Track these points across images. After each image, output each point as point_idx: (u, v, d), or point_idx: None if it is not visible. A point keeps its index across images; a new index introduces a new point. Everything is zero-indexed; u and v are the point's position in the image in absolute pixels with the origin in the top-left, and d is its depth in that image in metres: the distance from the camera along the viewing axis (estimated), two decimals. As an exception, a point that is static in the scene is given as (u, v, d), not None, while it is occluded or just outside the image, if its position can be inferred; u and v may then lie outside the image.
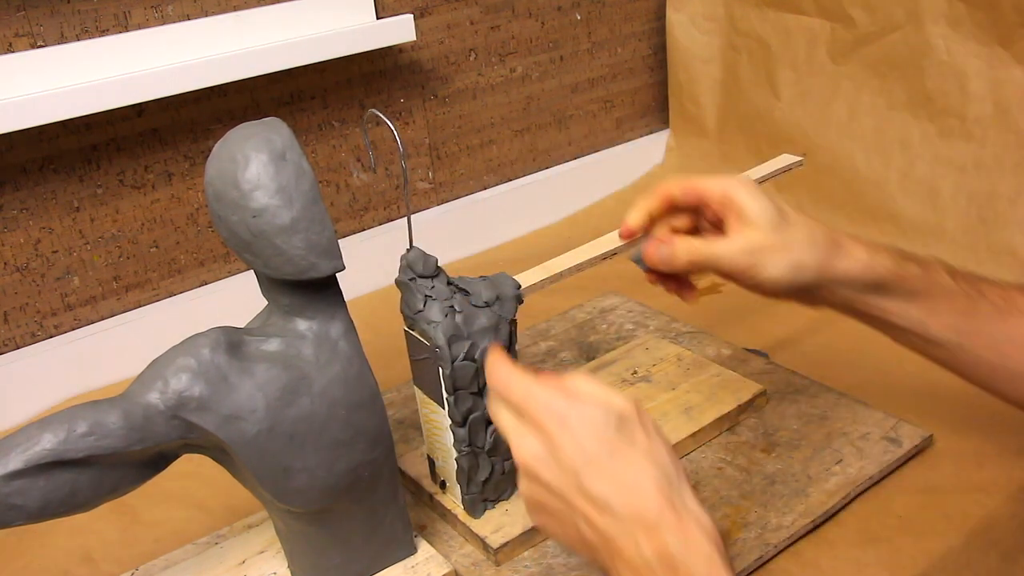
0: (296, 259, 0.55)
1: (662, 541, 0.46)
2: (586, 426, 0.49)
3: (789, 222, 0.62)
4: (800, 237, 0.62)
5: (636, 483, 0.48)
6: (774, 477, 0.76)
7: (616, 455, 0.48)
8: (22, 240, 0.98)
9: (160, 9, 0.99)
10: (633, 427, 0.49)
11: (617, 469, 0.48)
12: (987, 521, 0.71)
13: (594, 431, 0.49)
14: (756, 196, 0.62)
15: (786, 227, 0.62)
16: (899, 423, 0.81)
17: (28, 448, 0.51)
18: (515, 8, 1.29)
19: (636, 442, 0.49)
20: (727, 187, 0.63)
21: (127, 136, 1.01)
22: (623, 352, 0.93)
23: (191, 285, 1.11)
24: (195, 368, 0.54)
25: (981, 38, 1.11)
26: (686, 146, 1.52)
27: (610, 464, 0.48)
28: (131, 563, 0.74)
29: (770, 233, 0.62)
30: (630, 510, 0.47)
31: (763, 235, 0.62)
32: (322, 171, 1.17)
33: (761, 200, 0.62)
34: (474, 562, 0.71)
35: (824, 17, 1.28)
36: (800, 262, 0.62)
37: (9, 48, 0.91)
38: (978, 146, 1.14)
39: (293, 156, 0.55)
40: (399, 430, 0.87)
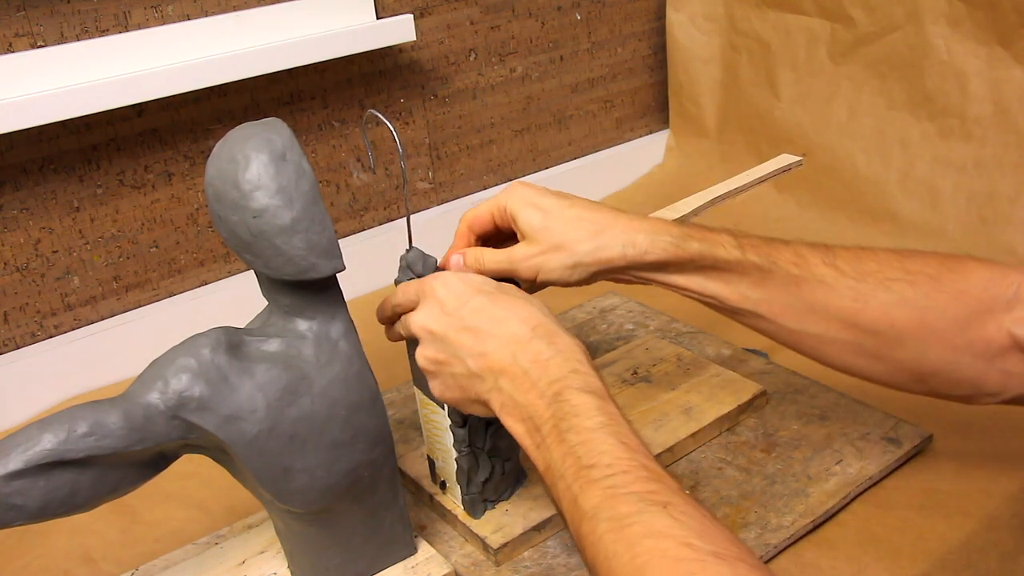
0: (296, 259, 0.55)
1: (536, 349, 0.54)
2: (467, 283, 0.59)
3: (558, 223, 0.64)
4: (570, 236, 0.64)
5: (513, 314, 0.56)
6: (774, 477, 0.76)
7: (494, 298, 0.58)
8: (22, 240, 0.98)
9: (160, 9, 0.99)
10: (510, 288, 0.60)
11: (495, 307, 0.57)
12: (987, 521, 0.71)
13: (474, 285, 0.59)
14: (523, 205, 0.65)
15: (554, 229, 0.64)
16: (899, 423, 0.81)
17: (28, 448, 0.51)
18: (515, 8, 1.29)
19: (512, 292, 0.59)
20: (502, 202, 0.67)
21: (127, 136, 1.01)
22: (623, 352, 0.93)
23: (191, 285, 1.11)
24: (195, 368, 0.54)
25: (981, 38, 1.11)
26: (686, 146, 1.52)
27: (489, 305, 0.57)
28: (131, 563, 0.74)
29: (540, 238, 0.64)
30: (507, 332, 0.55)
31: (534, 242, 0.64)
32: (322, 171, 1.17)
33: (527, 209, 0.65)
34: (474, 562, 0.71)
35: (824, 17, 1.28)
36: (573, 261, 0.64)
37: (9, 48, 0.91)
38: (978, 146, 1.14)
39: (293, 156, 0.55)
40: (399, 430, 0.87)
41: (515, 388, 0.54)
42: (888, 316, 0.62)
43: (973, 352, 0.61)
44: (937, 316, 0.61)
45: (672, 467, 0.79)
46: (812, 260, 0.64)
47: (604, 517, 0.45)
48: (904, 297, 0.61)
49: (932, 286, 0.61)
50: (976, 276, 0.61)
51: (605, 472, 0.47)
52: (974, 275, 0.61)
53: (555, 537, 0.72)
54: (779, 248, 0.65)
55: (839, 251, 0.64)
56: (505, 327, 0.56)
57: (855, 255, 0.64)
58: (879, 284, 0.62)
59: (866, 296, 0.62)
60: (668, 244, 0.64)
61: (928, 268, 0.62)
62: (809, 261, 0.64)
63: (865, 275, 0.63)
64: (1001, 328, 0.60)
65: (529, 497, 0.74)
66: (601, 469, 0.47)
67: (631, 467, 0.47)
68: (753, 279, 0.64)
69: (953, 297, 0.61)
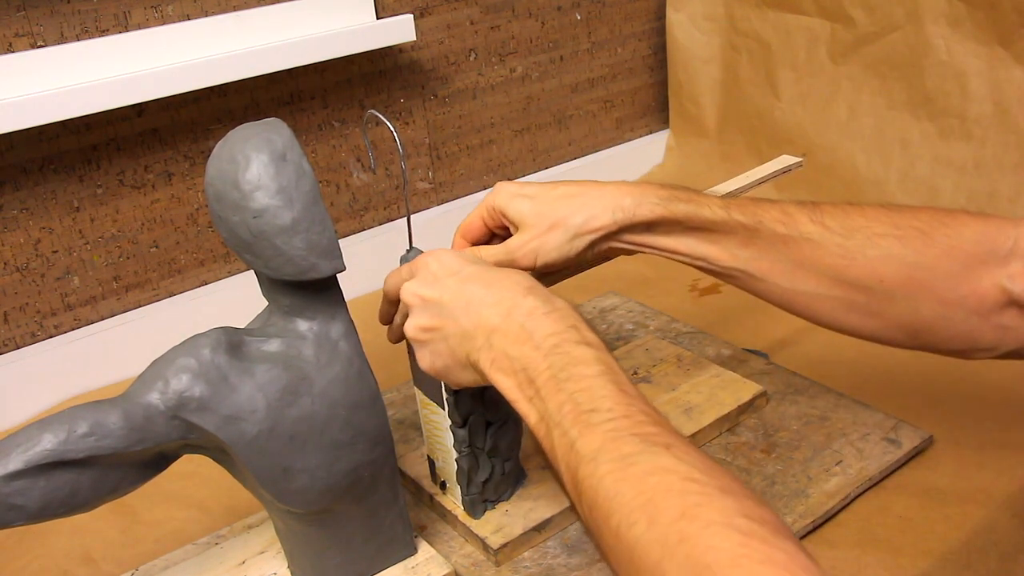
0: (297, 259, 0.55)
1: (531, 305, 0.54)
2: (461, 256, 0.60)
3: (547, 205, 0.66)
4: (560, 214, 0.65)
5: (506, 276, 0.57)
6: (774, 477, 0.76)
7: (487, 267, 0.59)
8: (22, 240, 0.98)
9: (160, 9, 0.99)
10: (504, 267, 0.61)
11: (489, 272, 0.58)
12: (987, 521, 0.71)
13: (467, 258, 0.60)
14: (510, 199, 0.67)
15: (545, 212, 0.65)
16: (899, 423, 0.81)
17: (28, 448, 0.51)
18: (515, 8, 1.29)
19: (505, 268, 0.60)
20: (490, 202, 0.68)
21: (127, 136, 1.01)
22: (623, 352, 0.93)
23: (191, 285, 1.11)
24: (195, 368, 0.54)
25: (981, 38, 1.11)
26: (686, 146, 1.52)
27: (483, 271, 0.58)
28: (131, 563, 0.74)
29: (533, 223, 0.66)
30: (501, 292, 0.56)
31: (528, 230, 0.66)
32: (322, 171, 1.17)
33: (515, 200, 0.66)
34: (474, 562, 0.71)
35: (824, 17, 1.28)
36: (569, 235, 0.65)
37: (9, 48, 0.91)
38: (978, 146, 1.14)
39: (293, 156, 0.55)
40: (399, 430, 0.87)
41: (508, 343, 0.53)
42: (876, 272, 0.61)
43: (966, 307, 0.60)
44: (927, 271, 0.61)
45: (672, 467, 0.79)
46: (799, 218, 0.64)
47: (605, 459, 0.45)
48: (892, 253, 0.61)
49: (922, 241, 0.61)
50: (969, 230, 0.61)
51: (606, 416, 0.47)
52: (967, 229, 0.61)
53: (555, 537, 0.72)
54: (765, 207, 0.65)
55: (826, 208, 0.64)
56: (499, 288, 0.56)
57: (843, 211, 0.64)
58: (867, 240, 0.62)
59: (853, 252, 0.62)
60: (655, 205, 0.65)
61: (918, 223, 0.62)
62: (796, 219, 0.64)
63: (853, 231, 0.62)
64: (996, 283, 0.59)
65: (529, 497, 0.74)
66: (602, 413, 0.47)
67: (631, 412, 0.47)
68: (740, 238, 0.65)
69: (944, 252, 0.60)
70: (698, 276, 1.19)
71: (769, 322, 1.04)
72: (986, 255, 0.60)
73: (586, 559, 0.69)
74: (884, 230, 0.62)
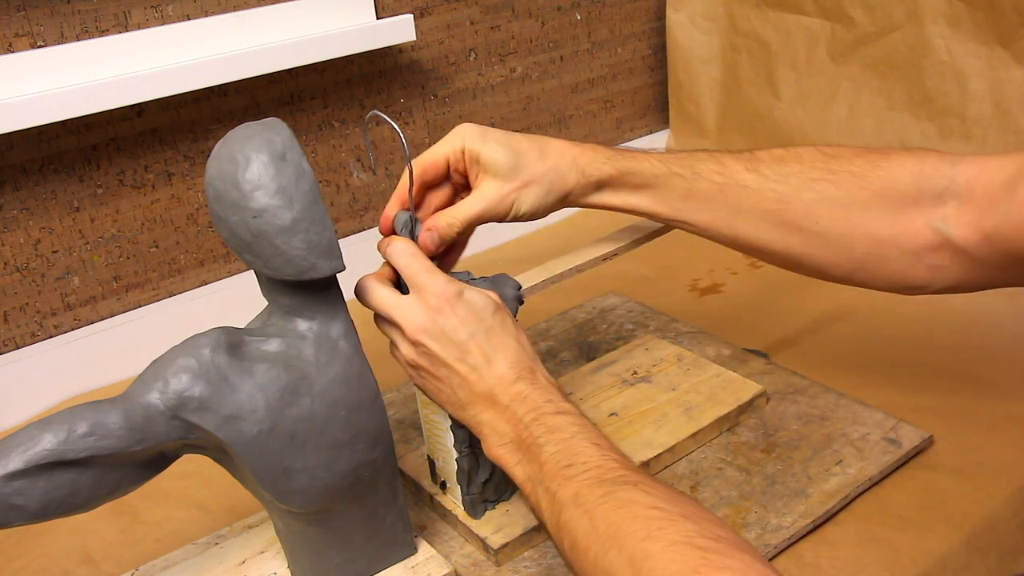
0: (296, 259, 0.55)
1: (517, 389, 0.60)
2: (473, 310, 0.62)
3: (521, 157, 0.67)
4: (536, 172, 0.67)
5: (504, 356, 0.61)
6: (774, 477, 0.76)
7: (491, 334, 0.62)
8: (22, 240, 0.98)
9: (160, 9, 0.99)
10: (505, 314, 0.64)
11: (492, 345, 0.61)
12: (987, 521, 0.71)
13: (476, 314, 0.62)
14: (483, 142, 0.67)
15: (522, 164, 0.67)
16: (899, 423, 0.81)
17: (28, 448, 0.51)
18: (515, 8, 1.29)
19: (506, 326, 0.63)
20: (458, 145, 0.68)
21: (127, 136, 1.01)
22: (623, 352, 0.93)
23: (191, 285, 1.11)
24: (195, 368, 0.54)
25: (981, 38, 1.11)
26: (686, 146, 1.52)
27: (487, 342, 0.61)
28: (131, 563, 0.74)
29: (510, 174, 0.67)
30: (495, 374, 0.61)
31: (505, 179, 0.67)
32: (322, 171, 1.17)
33: (490, 146, 0.67)
34: (474, 562, 0.71)
35: (824, 17, 1.28)
36: (547, 188, 0.68)
37: (9, 48, 0.91)
38: (978, 146, 1.14)
39: (293, 156, 0.55)
40: (399, 430, 0.87)
41: (497, 418, 0.60)
42: (810, 214, 0.64)
43: (899, 246, 0.62)
44: (859, 212, 0.63)
45: (672, 467, 0.79)
46: (734, 167, 0.67)
47: (581, 501, 0.51)
48: (825, 195, 0.64)
49: (855, 183, 0.63)
50: (903, 171, 0.63)
51: (580, 468, 0.53)
52: (901, 170, 0.63)
53: (555, 537, 0.72)
54: (702, 159, 0.68)
55: (762, 155, 0.67)
56: (498, 367, 0.61)
57: (777, 158, 0.67)
58: (801, 184, 0.65)
59: (789, 197, 0.65)
60: (603, 164, 0.69)
61: (852, 166, 0.64)
62: (731, 168, 0.67)
63: (787, 176, 0.65)
64: (928, 224, 0.61)
65: (529, 497, 0.74)
66: (577, 467, 0.53)
67: (603, 461, 0.53)
68: (679, 191, 0.68)
69: (877, 193, 0.63)
70: (698, 276, 1.19)
71: (769, 322, 1.04)
72: (919, 195, 0.62)
73: (586, 559, 0.69)
74: (818, 175, 0.65)
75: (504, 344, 0.62)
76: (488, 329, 0.62)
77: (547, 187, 0.68)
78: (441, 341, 0.61)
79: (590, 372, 0.90)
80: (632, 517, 0.47)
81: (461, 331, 0.61)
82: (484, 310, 0.62)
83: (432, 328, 0.61)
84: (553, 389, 0.61)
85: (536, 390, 0.60)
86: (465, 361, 0.61)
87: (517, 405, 0.59)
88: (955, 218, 0.61)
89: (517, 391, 0.60)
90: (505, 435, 0.59)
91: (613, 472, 0.52)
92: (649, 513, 0.47)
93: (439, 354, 0.62)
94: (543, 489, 0.55)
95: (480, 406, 0.61)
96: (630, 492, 0.49)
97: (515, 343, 0.62)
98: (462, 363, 0.61)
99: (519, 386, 0.60)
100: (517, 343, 0.63)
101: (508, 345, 0.62)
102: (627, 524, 0.47)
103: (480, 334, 0.61)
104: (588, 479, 0.52)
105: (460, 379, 0.62)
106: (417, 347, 0.62)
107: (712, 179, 0.67)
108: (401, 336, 0.63)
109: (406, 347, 0.63)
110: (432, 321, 0.61)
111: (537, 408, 0.59)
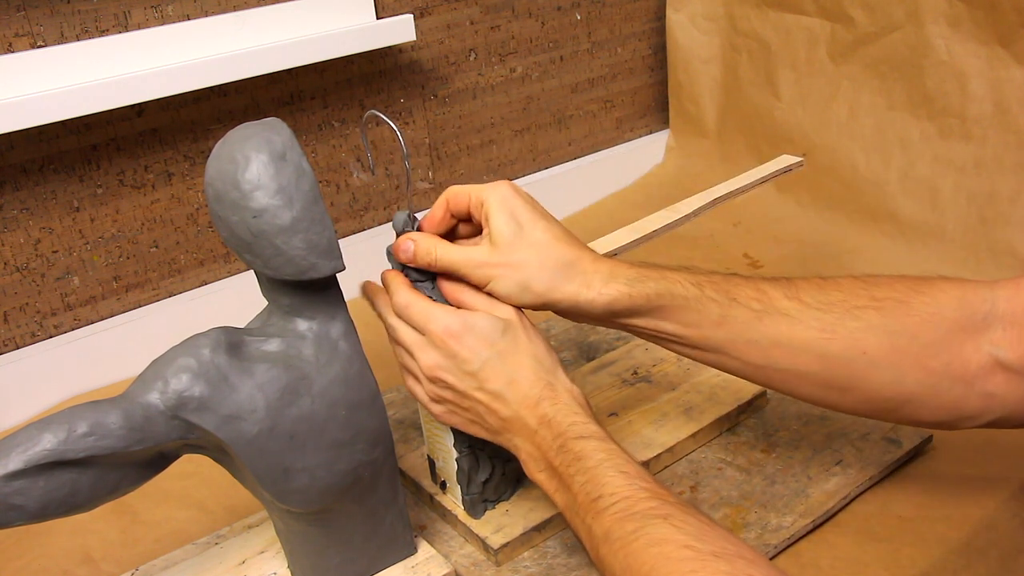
0: (296, 259, 0.55)
1: (541, 411, 0.59)
2: (479, 338, 0.61)
3: (525, 243, 0.62)
4: (532, 260, 0.62)
5: (521, 375, 0.60)
6: (774, 477, 0.76)
7: (505, 356, 0.61)
8: (22, 240, 0.98)
9: (160, 9, 0.99)
10: (516, 331, 0.62)
11: (506, 367, 0.61)
12: (987, 521, 0.71)
13: (485, 340, 0.61)
14: (501, 209, 0.62)
15: (520, 247, 0.62)
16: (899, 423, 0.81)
17: (28, 448, 0.51)
18: (515, 8, 1.29)
19: (519, 343, 0.62)
20: (483, 196, 0.64)
21: (127, 136, 1.01)
22: (623, 352, 0.93)
23: (191, 285, 1.11)
24: (195, 368, 0.54)
25: (981, 38, 1.11)
26: (686, 146, 1.52)
27: (500, 364, 0.60)
28: (131, 563, 0.74)
29: (503, 250, 0.62)
30: (518, 396, 0.60)
31: (496, 251, 0.62)
32: (322, 171, 1.17)
33: (503, 215, 0.62)
34: (474, 562, 0.71)
35: (824, 17, 1.28)
36: (526, 284, 0.61)
37: (9, 48, 0.91)
38: (978, 146, 1.14)
39: (293, 156, 0.55)
40: (399, 430, 0.87)
41: (529, 443, 0.60)
42: (858, 344, 0.60)
43: (951, 375, 0.59)
44: (909, 340, 0.59)
45: (672, 467, 0.79)
46: (773, 294, 0.62)
47: (614, 538, 0.51)
48: (872, 324, 0.60)
49: (902, 310, 0.60)
50: (947, 296, 0.60)
51: (610, 501, 0.53)
52: (944, 296, 0.60)
53: (555, 537, 0.72)
54: (738, 284, 0.63)
55: (800, 283, 0.63)
56: (517, 389, 0.60)
57: (817, 286, 0.62)
58: (846, 312, 0.60)
59: (833, 325, 0.60)
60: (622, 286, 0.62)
61: (895, 293, 0.61)
62: (770, 295, 0.62)
63: (830, 305, 0.61)
64: (979, 349, 0.58)
65: (529, 497, 0.74)
66: (606, 499, 0.53)
67: (631, 492, 0.53)
68: (713, 317, 0.62)
69: (925, 320, 0.59)
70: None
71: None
72: (966, 321, 0.59)
73: (586, 559, 0.69)
74: (862, 302, 0.61)
75: (520, 364, 0.61)
76: (500, 353, 0.61)
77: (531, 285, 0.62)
78: (456, 374, 0.61)
79: (590, 372, 0.90)
80: (665, 558, 0.48)
81: (473, 361, 0.61)
82: (492, 333, 0.61)
83: (445, 363, 0.61)
84: (575, 405, 0.60)
85: (559, 410, 0.59)
86: (485, 389, 0.61)
87: (544, 430, 0.59)
88: (1003, 340, 0.58)
89: (542, 413, 0.59)
90: (540, 460, 0.59)
91: (643, 503, 0.52)
92: (682, 554, 0.47)
93: (458, 387, 0.61)
94: (580, 521, 0.55)
95: (512, 432, 0.61)
96: (661, 528, 0.49)
97: (531, 360, 0.61)
98: (482, 392, 0.61)
99: (543, 407, 0.60)
100: (533, 359, 0.61)
101: (524, 364, 0.61)
102: (660, 565, 0.47)
103: (493, 359, 0.61)
104: (618, 513, 0.52)
105: (485, 408, 0.61)
106: (437, 383, 0.63)
107: (750, 306, 0.62)
108: (421, 376, 0.64)
109: (428, 386, 0.63)
110: (444, 356, 0.61)
111: (562, 434, 0.58)
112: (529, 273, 0.62)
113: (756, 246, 1.27)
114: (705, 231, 1.29)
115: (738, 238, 1.29)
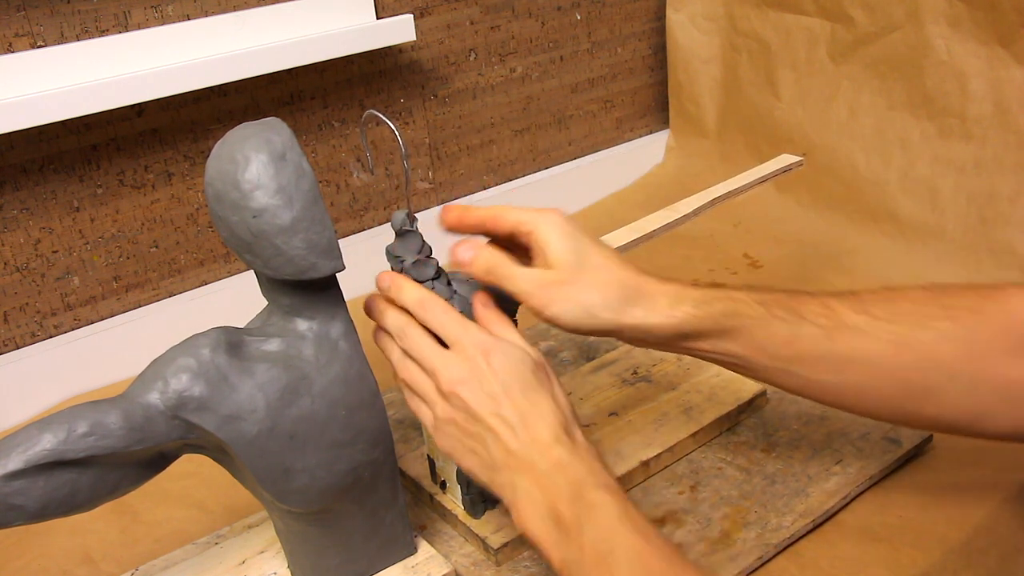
0: (296, 259, 0.55)
1: (557, 455, 0.56)
2: (509, 363, 0.58)
3: (587, 266, 0.61)
4: (594, 284, 0.61)
5: (541, 415, 0.57)
6: (774, 477, 0.76)
7: (528, 391, 0.58)
8: (22, 240, 0.98)
9: (160, 9, 0.99)
10: (544, 374, 0.60)
11: (528, 402, 0.57)
12: (987, 521, 0.71)
13: (514, 368, 0.58)
14: (559, 236, 0.61)
15: (582, 271, 0.61)
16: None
17: (28, 448, 0.51)
18: (515, 8, 1.29)
19: (543, 384, 0.59)
20: (535, 223, 0.62)
21: (127, 136, 1.01)
22: (623, 352, 0.93)
23: (191, 285, 1.11)
24: (195, 368, 0.54)
25: (981, 38, 1.11)
26: (686, 146, 1.52)
27: (523, 397, 0.58)
28: (131, 563, 0.74)
29: (564, 275, 0.60)
30: (533, 434, 0.57)
31: (556, 275, 0.61)
32: (322, 171, 1.17)
33: (562, 240, 0.61)
34: (474, 562, 0.71)
35: (824, 17, 1.28)
36: (589, 309, 0.60)
37: (9, 48, 0.91)
38: (978, 146, 1.14)
39: (293, 156, 0.55)
40: (399, 430, 0.87)
41: (534, 486, 0.55)
42: (933, 354, 0.58)
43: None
44: (985, 348, 0.57)
45: (672, 467, 0.79)
46: (841, 309, 0.60)
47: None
48: (946, 334, 0.58)
49: (975, 319, 0.58)
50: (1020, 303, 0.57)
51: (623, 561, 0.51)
52: (1018, 302, 0.57)
53: (555, 537, 0.72)
54: (804, 300, 0.61)
55: (867, 296, 0.61)
56: (535, 427, 0.57)
57: (885, 298, 0.60)
58: (917, 323, 0.59)
59: (905, 338, 0.58)
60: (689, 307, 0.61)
61: (966, 301, 0.59)
62: (838, 311, 0.60)
63: (901, 316, 0.59)
64: None
65: (529, 497, 0.74)
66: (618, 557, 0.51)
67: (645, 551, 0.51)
68: (782, 336, 0.61)
69: (1001, 329, 0.57)
70: (698, 276, 1.19)
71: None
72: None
73: (586, 559, 0.69)
74: (933, 311, 0.59)
75: (540, 402, 0.58)
76: (525, 384, 0.58)
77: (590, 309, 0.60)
78: (476, 392, 0.58)
79: (590, 372, 0.90)
80: None
81: (495, 382, 0.57)
82: (521, 363, 0.59)
83: (468, 378, 0.58)
84: (593, 456, 0.57)
85: (577, 458, 0.56)
86: (499, 415, 0.57)
87: (557, 475, 0.55)
88: None
89: (557, 458, 0.56)
90: (542, 506, 0.55)
91: (657, 564, 0.50)
92: None
93: (472, 405, 0.58)
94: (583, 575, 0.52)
95: (515, 470, 0.57)
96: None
97: (551, 403, 0.58)
98: (495, 416, 0.57)
99: (558, 451, 0.56)
100: (554, 402, 0.58)
101: (544, 404, 0.58)
102: None
103: (515, 388, 0.58)
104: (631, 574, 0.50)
105: (493, 435, 0.57)
106: (451, 399, 0.59)
107: (818, 323, 0.60)
108: (434, 390, 0.60)
109: (440, 402, 0.60)
110: (468, 371, 0.58)
111: (579, 481, 0.55)
112: (594, 298, 0.60)
113: (756, 246, 1.27)
114: (705, 231, 1.29)
115: (738, 238, 1.29)
